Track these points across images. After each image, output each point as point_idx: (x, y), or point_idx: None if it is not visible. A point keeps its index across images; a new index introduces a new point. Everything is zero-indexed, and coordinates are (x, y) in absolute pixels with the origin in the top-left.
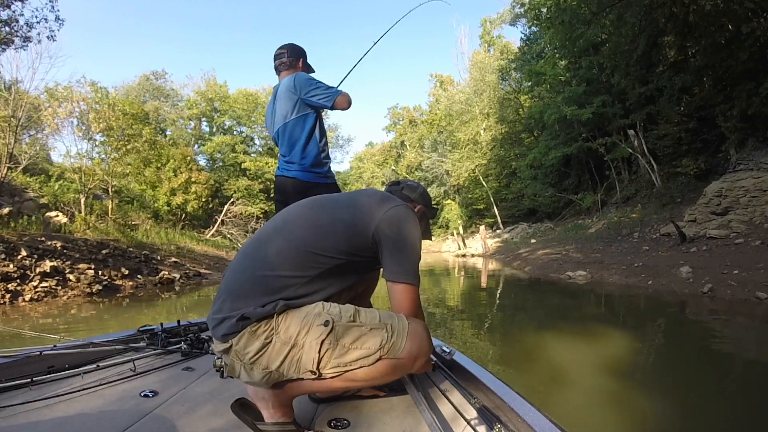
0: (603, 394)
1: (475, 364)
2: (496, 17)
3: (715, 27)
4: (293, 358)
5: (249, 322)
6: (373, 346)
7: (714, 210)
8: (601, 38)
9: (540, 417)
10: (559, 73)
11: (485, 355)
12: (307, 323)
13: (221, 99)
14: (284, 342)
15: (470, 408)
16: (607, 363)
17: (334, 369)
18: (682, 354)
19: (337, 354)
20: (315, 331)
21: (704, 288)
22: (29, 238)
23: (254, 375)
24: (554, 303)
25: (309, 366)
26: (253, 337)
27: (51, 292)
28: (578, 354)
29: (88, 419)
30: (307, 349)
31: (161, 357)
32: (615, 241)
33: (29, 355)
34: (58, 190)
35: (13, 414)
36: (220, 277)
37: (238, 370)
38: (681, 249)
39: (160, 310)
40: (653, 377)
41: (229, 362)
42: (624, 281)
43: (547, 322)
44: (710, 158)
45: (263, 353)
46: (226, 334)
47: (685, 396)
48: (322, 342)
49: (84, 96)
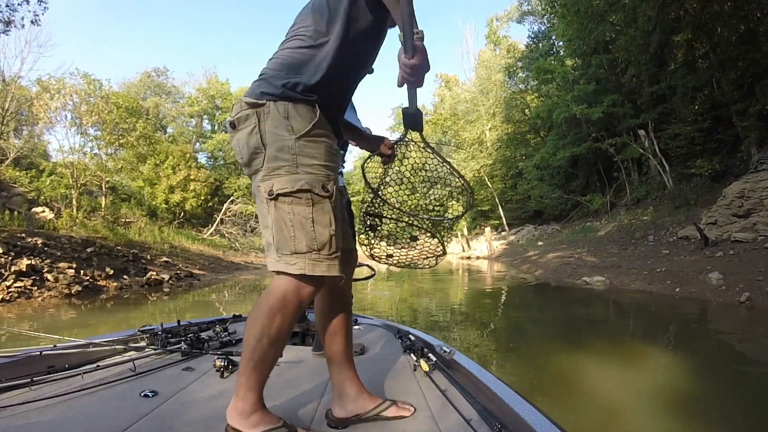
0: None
1: (475, 364)
2: (504, 14)
3: (736, 19)
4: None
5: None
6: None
7: (736, 212)
8: (611, 36)
9: (540, 417)
10: (567, 71)
11: (524, 385)
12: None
13: (223, 96)
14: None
15: (470, 408)
16: (660, 393)
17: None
18: (742, 382)
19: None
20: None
21: (741, 297)
22: (7, 234)
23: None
24: (577, 314)
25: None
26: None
27: (25, 293)
28: (624, 383)
29: (88, 419)
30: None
31: (161, 357)
32: (629, 244)
33: (29, 355)
34: (48, 185)
35: (13, 414)
36: (213, 278)
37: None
38: (705, 253)
39: (141, 314)
40: (715, 411)
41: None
42: (647, 288)
43: (574, 337)
44: (726, 158)
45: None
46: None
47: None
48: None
49: (77, 88)
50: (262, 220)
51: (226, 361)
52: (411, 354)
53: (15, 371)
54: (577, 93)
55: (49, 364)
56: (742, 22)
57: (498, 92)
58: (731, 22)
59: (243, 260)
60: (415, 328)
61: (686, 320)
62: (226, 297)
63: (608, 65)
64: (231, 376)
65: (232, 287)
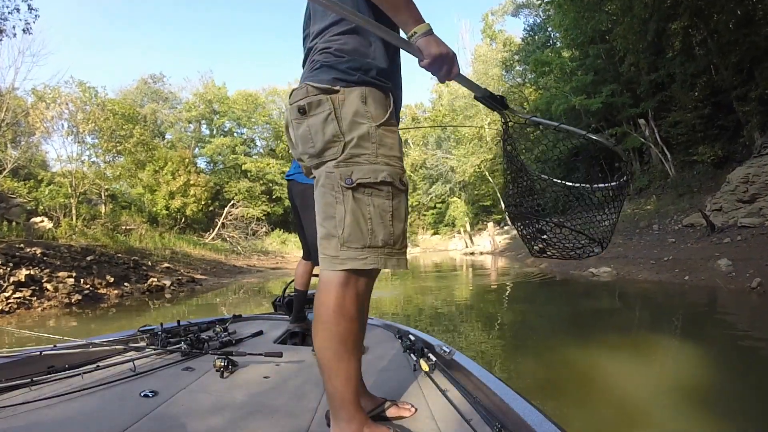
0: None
1: (475, 364)
2: (499, 8)
3: (734, 3)
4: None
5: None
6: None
7: (741, 197)
8: (608, 26)
9: (540, 417)
10: (565, 63)
11: (533, 386)
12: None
13: (220, 101)
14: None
15: (470, 408)
16: (679, 388)
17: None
18: (764, 372)
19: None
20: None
21: (752, 283)
22: (6, 244)
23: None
24: (585, 306)
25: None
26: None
27: (24, 304)
28: (640, 378)
29: (88, 419)
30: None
31: (161, 357)
32: (634, 234)
33: (29, 355)
34: (47, 195)
35: (13, 414)
36: (216, 282)
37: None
38: (712, 240)
39: (142, 321)
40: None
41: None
42: (655, 277)
43: (585, 331)
44: (728, 144)
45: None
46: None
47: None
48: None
49: (72, 96)
50: (324, 210)
51: (226, 361)
52: (411, 354)
53: (15, 371)
54: (575, 84)
55: (49, 364)
56: (740, 6)
57: (496, 86)
58: (729, 6)
59: (245, 263)
60: (421, 327)
61: (698, 309)
62: (230, 300)
63: (606, 55)
64: (231, 376)
65: (236, 291)
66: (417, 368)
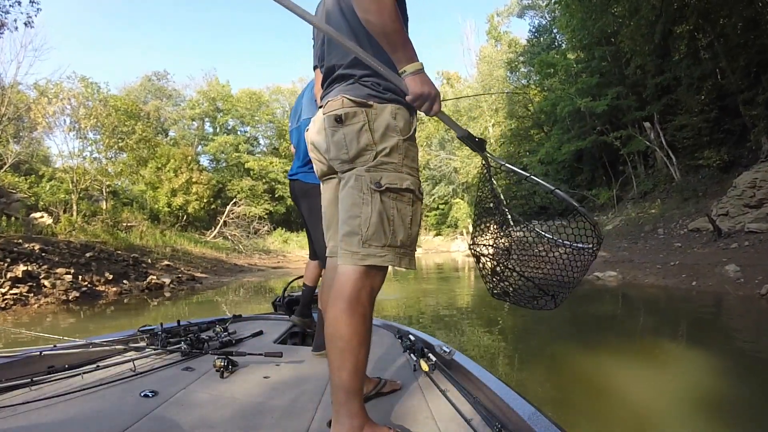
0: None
1: (475, 364)
2: (504, 9)
3: (742, 6)
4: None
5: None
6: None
7: (747, 202)
8: (614, 28)
9: (540, 417)
10: (570, 65)
11: (537, 390)
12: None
13: (224, 98)
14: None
15: (470, 408)
16: (690, 396)
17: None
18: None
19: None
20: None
21: (761, 290)
22: (4, 240)
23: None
24: (591, 311)
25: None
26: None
27: (21, 300)
28: (649, 385)
29: (88, 419)
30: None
31: (161, 357)
32: (639, 238)
33: (29, 355)
34: (47, 190)
35: (13, 414)
36: (216, 281)
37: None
38: (719, 245)
39: (141, 319)
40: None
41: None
42: (662, 282)
43: (591, 337)
44: (734, 149)
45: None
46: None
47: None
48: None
49: (74, 92)
50: (350, 209)
51: (226, 361)
52: (411, 354)
53: (15, 371)
54: (580, 86)
55: (49, 364)
56: (747, 9)
57: (500, 88)
58: (736, 9)
59: (246, 262)
60: (422, 329)
61: (707, 315)
62: (230, 299)
63: (611, 57)
64: (231, 376)
65: (236, 290)
66: (417, 368)
